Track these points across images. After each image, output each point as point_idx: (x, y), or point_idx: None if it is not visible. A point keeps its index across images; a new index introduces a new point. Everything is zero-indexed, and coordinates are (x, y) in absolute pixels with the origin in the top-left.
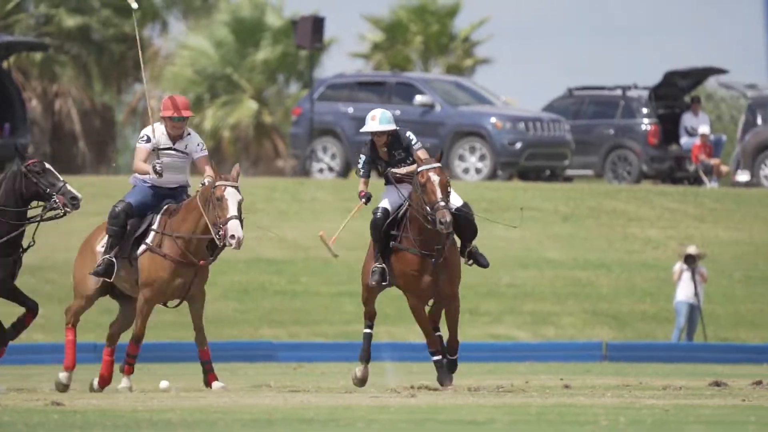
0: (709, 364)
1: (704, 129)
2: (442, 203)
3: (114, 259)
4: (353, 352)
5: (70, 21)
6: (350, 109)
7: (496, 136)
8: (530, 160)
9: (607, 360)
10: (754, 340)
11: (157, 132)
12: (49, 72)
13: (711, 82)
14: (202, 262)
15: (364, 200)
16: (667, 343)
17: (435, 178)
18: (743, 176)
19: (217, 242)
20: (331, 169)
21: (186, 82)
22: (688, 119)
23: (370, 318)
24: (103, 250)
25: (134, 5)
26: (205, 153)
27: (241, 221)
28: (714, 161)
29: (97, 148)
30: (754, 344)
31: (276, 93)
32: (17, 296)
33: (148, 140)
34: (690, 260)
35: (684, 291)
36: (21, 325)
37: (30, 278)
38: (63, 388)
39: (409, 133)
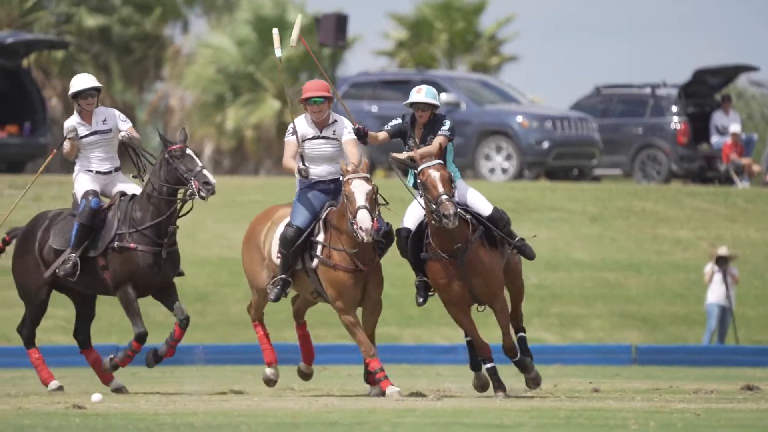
0: (740, 367)
1: (735, 128)
2: (445, 196)
3: (290, 279)
4: (378, 355)
5: (91, 20)
6: (374, 108)
7: (523, 135)
8: (558, 160)
9: (637, 363)
10: None
11: (302, 123)
12: (69, 70)
13: (742, 80)
14: (366, 268)
15: (361, 127)
16: (698, 346)
17: (435, 173)
18: None
19: (357, 238)
20: None
21: (208, 81)
22: (718, 118)
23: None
24: (270, 247)
25: (278, 53)
26: (353, 136)
27: (371, 210)
28: (745, 161)
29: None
30: None
31: (299, 92)
32: (165, 296)
33: (294, 132)
34: (721, 261)
35: (715, 293)
36: (172, 339)
37: None
38: (272, 383)
39: (447, 122)
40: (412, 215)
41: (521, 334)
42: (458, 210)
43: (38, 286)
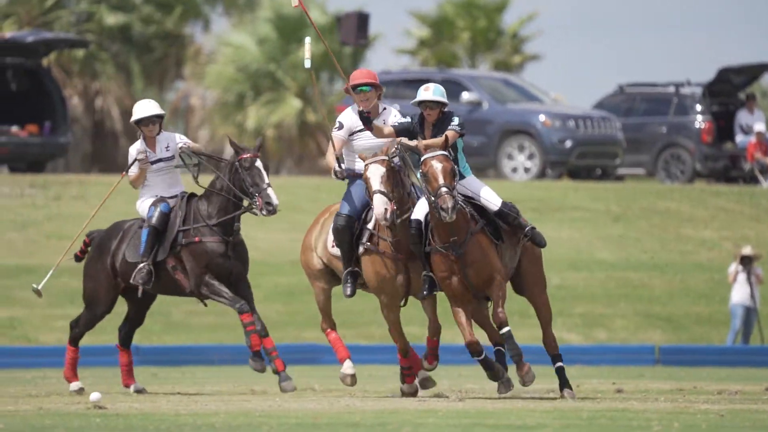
0: (765, 368)
1: (760, 126)
2: (444, 189)
3: (357, 269)
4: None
5: (111, 18)
6: (396, 107)
7: (545, 135)
8: (580, 159)
9: (661, 363)
10: None
11: (350, 116)
12: (90, 69)
13: (766, 79)
14: (400, 256)
15: (368, 112)
16: (722, 347)
17: (437, 165)
18: None
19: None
20: None
21: (228, 80)
22: (743, 117)
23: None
24: (326, 238)
25: (307, 64)
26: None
27: (387, 193)
28: None
29: None
30: None
31: (319, 90)
32: (239, 293)
33: (341, 127)
34: (746, 261)
35: (739, 293)
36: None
37: (71, 280)
38: (351, 380)
39: (455, 118)
40: (422, 207)
41: (559, 364)
42: (458, 204)
43: (104, 294)
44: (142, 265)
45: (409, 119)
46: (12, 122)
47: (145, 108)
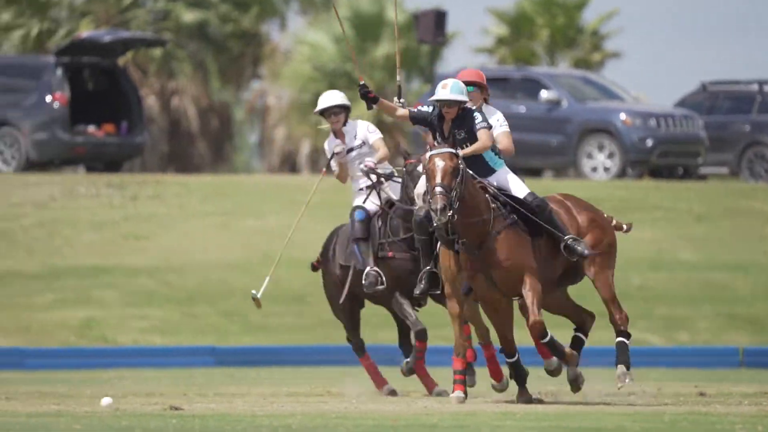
0: None
1: None
2: (438, 189)
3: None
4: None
5: (188, 16)
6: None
7: (626, 133)
8: (662, 158)
9: (745, 366)
10: None
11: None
12: (166, 68)
13: None
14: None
15: (369, 88)
16: None
17: (439, 163)
18: None
19: None
20: None
21: (305, 78)
22: None
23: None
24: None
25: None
26: (488, 127)
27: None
28: None
29: (215, 146)
30: None
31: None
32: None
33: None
34: None
35: None
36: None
37: (148, 280)
38: (557, 372)
39: (477, 115)
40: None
41: (620, 339)
42: (454, 206)
43: (339, 299)
44: (367, 271)
45: (430, 110)
46: (89, 122)
47: (328, 98)
